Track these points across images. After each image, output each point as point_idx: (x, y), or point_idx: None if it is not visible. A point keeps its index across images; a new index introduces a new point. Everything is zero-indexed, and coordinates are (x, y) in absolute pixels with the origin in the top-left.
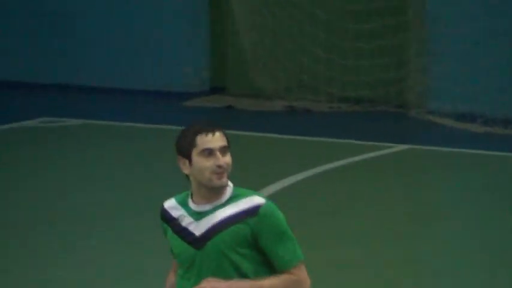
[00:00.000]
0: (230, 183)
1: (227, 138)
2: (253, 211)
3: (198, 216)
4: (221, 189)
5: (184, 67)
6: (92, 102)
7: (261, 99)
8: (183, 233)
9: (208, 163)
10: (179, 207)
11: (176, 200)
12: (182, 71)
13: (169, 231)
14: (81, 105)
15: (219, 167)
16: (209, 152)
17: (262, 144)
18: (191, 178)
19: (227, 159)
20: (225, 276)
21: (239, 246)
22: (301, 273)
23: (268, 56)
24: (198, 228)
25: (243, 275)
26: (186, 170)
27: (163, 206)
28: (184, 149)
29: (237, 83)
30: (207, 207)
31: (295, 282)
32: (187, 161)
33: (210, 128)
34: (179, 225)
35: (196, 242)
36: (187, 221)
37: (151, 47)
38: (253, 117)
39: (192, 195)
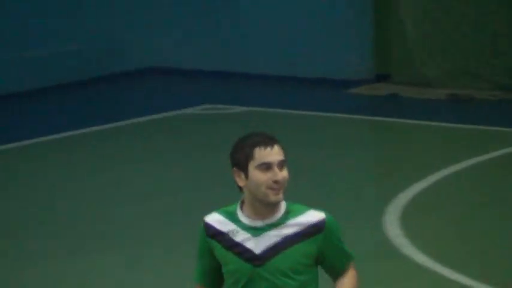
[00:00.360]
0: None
1: (284, 152)
2: (318, 227)
3: (255, 231)
4: (277, 204)
5: (349, 54)
6: (255, 89)
7: (425, 87)
8: (239, 249)
9: (265, 177)
10: (227, 221)
11: (220, 214)
12: (347, 58)
13: (218, 248)
14: (244, 92)
15: (276, 182)
16: (267, 166)
17: (427, 132)
18: (245, 191)
19: (284, 174)
20: None
21: (302, 264)
22: (353, 269)
23: (433, 44)
24: (257, 245)
25: None
26: (241, 182)
27: (204, 221)
28: (241, 161)
29: (401, 71)
30: (264, 222)
31: (355, 279)
32: (243, 174)
33: (269, 141)
34: (231, 240)
35: (257, 259)
36: (242, 236)
37: (315, 34)
38: (417, 105)
39: (242, 208)
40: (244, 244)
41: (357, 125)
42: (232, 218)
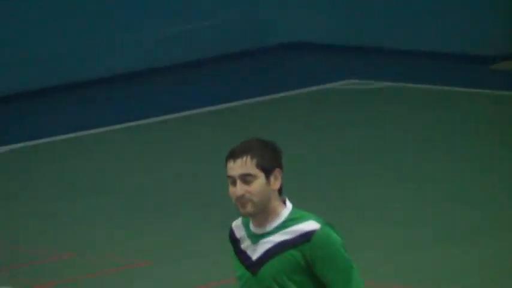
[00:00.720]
0: (289, 205)
1: (258, 164)
2: (306, 237)
3: (255, 239)
4: (257, 216)
5: (492, 29)
6: (399, 64)
7: None
8: (242, 256)
9: (231, 191)
10: (242, 227)
11: (242, 219)
12: (490, 33)
13: (233, 252)
14: (388, 68)
15: (238, 197)
16: (232, 180)
17: None
18: None
19: (251, 188)
20: None
21: (292, 273)
22: None
23: None
24: (254, 252)
25: None
26: None
27: (231, 225)
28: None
29: None
30: (261, 230)
31: None
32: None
33: (236, 154)
34: (239, 246)
35: (252, 266)
36: (246, 244)
37: (459, 10)
38: None
39: None
40: (246, 251)
41: (500, 101)
42: (246, 224)
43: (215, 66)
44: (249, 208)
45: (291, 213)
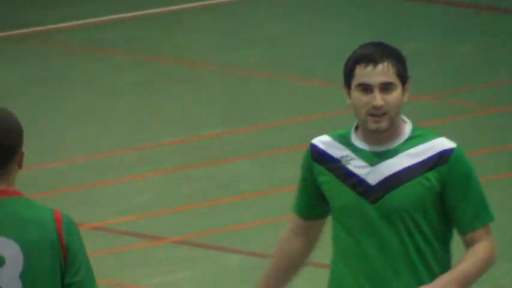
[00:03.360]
0: (406, 119)
1: (400, 71)
2: (445, 157)
3: (375, 159)
4: (385, 133)
5: None
6: None
7: None
8: (352, 180)
9: (364, 100)
10: (340, 145)
11: (331, 137)
12: None
13: (328, 177)
14: None
15: (375, 108)
16: (365, 88)
17: None
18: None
19: (390, 98)
20: (405, 237)
21: (424, 201)
22: (487, 238)
23: None
24: (373, 176)
25: (424, 236)
26: (348, 100)
27: (311, 143)
28: (345, 76)
29: None
30: (382, 148)
31: (483, 254)
32: (347, 91)
33: (374, 57)
34: (344, 168)
35: (371, 193)
36: (357, 164)
37: None
38: None
39: (357, 131)
40: (359, 174)
41: None
42: (346, 141)
43: None
44: (384, 123)
45: (413, 130)
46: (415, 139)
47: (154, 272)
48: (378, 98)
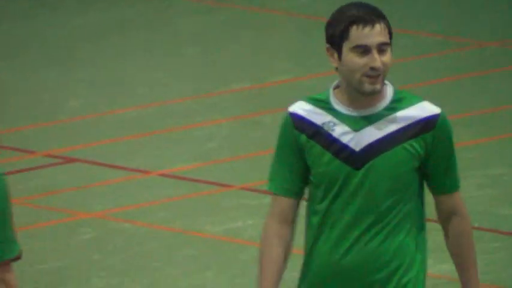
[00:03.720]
0: (387, 82)
1: (390, 32)
2: (431, 123)
3: (355, 124)
4: (375, 94)
5: None
6: None
7: None
8: (336, 146)
9: (361, 62)
10: (320, 111)
11: (309, 102)
12: None
13: (310, 144)
14: None
15: (374, 69)
16: (364, 50)
17: None
18: (340, 74)
19: (386, 59)
20: (387, 201)
21: (407, 166)
22: (462, 202)
23: None
24: (357, 141)
25: (405, 199)
26: (334, 63)
27: (289, 111)
28: (335, 38)
29: None
30: (365, 112)
31: (465, 226)
32: (336, 54)
33: (370, 18)
34: (328, 135)
35: (355, 159)
36: (340, 130)
37: None
38: None
39: (337, 95)
40: (341, 140)
41: None
42: (325, 106)
43: None
44: (379, 84)
45: (395, 92)
46: (398, 103)
47: (221, 219)
48: (378, 60)
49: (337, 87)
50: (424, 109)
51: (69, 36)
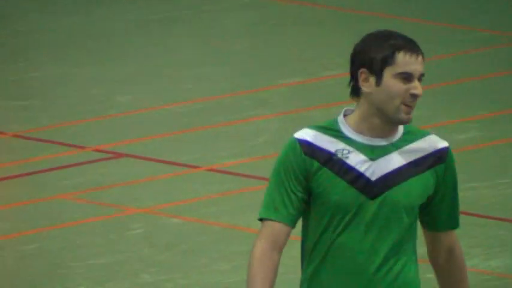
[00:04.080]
0: None
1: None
2: (443, 155)
3: (372, 153)
4: (407, 123)
5: None
6: None
7: None
8: (350, 174)
9: (403, 89)
10: (330, 138)
11: (317, 130)
12: None
13: (319, 170)
14: None
15: (415, 96)
16: (407, 77)
17: None
18: (365, 100)
19: (421, 90)
20: (397, 232)
21: (421, 199)
22: (457, 238)
23: None
24: (373, 170)
25: (411, 230)
26: (367, 88)
27: (298, 137)
28: (375, 63)
29: None
30: (382, 142)
31: (463, 260)
32: (373, 78)
33: (416, 48)
34: (341, 162)
35: (371, 188)
36: (356, 159)
37: None
38: None
39: (349, 123)
40: (357, 168)
41: None
42: (336, 134)
43: None
44: (411, 115)
45: (404, 125)
46: (409, 135)
47: None
48: (419, 88)
49: (345, 115)
50: (435, 142)
51: (119, 31)
